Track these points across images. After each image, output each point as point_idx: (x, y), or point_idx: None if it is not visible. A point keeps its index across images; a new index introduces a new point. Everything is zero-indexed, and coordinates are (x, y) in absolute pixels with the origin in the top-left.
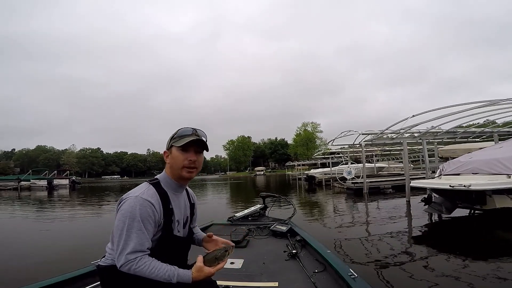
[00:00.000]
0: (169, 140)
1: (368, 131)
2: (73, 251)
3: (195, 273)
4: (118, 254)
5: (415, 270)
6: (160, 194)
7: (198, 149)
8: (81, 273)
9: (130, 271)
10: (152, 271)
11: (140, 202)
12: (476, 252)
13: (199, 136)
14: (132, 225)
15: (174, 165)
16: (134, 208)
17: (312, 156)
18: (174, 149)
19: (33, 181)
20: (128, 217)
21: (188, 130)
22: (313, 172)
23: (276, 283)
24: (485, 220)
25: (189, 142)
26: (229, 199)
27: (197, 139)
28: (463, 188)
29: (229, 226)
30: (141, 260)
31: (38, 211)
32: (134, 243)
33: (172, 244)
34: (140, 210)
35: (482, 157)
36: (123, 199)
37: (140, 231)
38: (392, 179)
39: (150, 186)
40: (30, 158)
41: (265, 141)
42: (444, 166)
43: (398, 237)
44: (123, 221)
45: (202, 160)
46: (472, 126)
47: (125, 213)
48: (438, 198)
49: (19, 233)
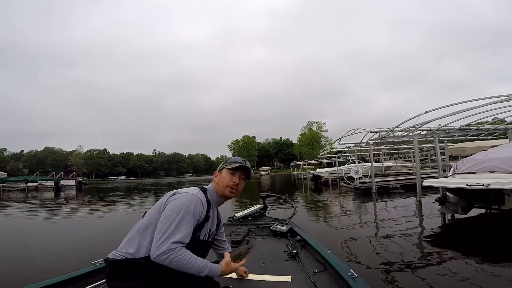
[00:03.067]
0: (222, 163)
1: (377, 129)
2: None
3: (224, 266)
4: (160, 242)
5: (427, 274)
6: (206, 200)
7: (243, 175)
8: (82, 273)
9: (166, 260)
10: (189, 261)
11: (196, 200)
12: (493, 254)
13: (246, 166)
14: (185, 217)
15: (221, 183)
16: (191, 202)
17: (318, 156)
18: (225, 171)
19: (40, 182)
20: (184, 210)
21: (239, 159)
22: (319, 171)
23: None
24: (503, 220)
25: (237, 168)
26: (230, 199)
27: (245, 167)
28: (482, 187)
29: (229, 226)
30: (181, 250)
31: (54, 211)
32: (182, 234)
33: (196, 246)
34: (195, 206)
35: (499, 154)
36: (179, 193)
37: (189, 224)
38: (401, 178)
39: (201, 191)
40: (38, 159)
41: (270, 141)
42: (458, 165)
43: (410, 238)
44: (177, 212)
45: (243, 186)
46: (485, 124)
47: (181, 205)
48: (453, 197)
49: (46, 233)
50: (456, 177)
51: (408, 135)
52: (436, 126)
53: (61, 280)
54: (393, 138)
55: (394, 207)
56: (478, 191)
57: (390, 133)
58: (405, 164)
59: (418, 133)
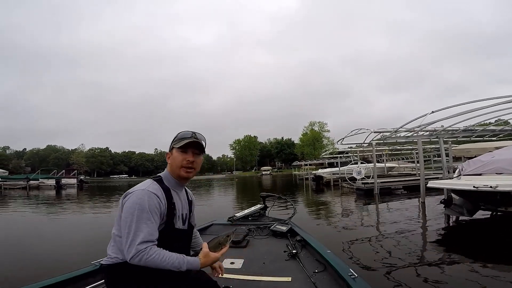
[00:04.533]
0: (171, 143)
1: (380, 129)
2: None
3: (202, 258)
4: (128, 246)
5: (429, 275)
6: (163, 190)
7: (196, 151)
8: (82, 272)
9: (141, 262)
10: (163, 259)
11: (148, 195)
12: (498, 257)
13: (197, 139)
14: (142, 216)
15: (174, 165)
16: (142, 199)
17: (320, 156)
18: (175, 151)
19: (42, 180)
20: (137, 209)
21: (187, 133)
22: (321, 172)
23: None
24: (509, 222)
25: (187, 144)
26: (231, 199)
27: (195, 141)
28: (489, 189)
29: (229, 226)
30: (152, 249)
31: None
32: (144, 233)
33: (174, 237)
34: (149, 202)
35: (506, 156)
36: (129, 193)
37: (149, 221)
38: (404, 179)
39: (154, 182)
40: (41, 157)
41: (271, 140)
42: (464, 166)
43: (412, 239)
44: (131, 213)
45: (200, 161)
46: (491, 125)
47: (134, 205)
48: (458, 199)
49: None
50: (461, 179)
51: (412, 136)
52: (440, 127)
53: (61, 280)
54: (396, 139)
55: (397, 208)
56: (485, 193)
57: (394, 133)
58: (407, 165)
59: (422, 133)
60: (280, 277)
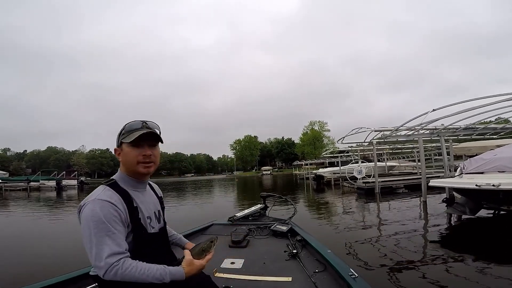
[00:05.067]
0: (117, 136)
1: (381, 128)
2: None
3: (186, 267)
4: (96, 264)
5: (430, 274)
6: (120, 194)
7: (152, 142)
8: (82, 273)
9: (116, 277)
10: (142, 272)
11: (100, 204)
12: (500, 256)
13: (150, 129)
14: (100, 228)
15: (128, 162)
16: (94, 211)
17: (320, 155)
18: (125, 146)
19: (42, 182)
20: (93, 223)
21: (137, 123)
22: (322, 171)
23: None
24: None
25: (141, 136)
26: (231, 200)
27: (148, 132)
28: (492, 187)
29: (229, 226)
30: (126, 262)
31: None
32: (110, 245)
33: (150, 243)
34: (102, 212)
35: (508, 154)
36: (81, 206)
37: (110, 232)
38: (405, 178)
39: (106, 187)
40: (41, 159)
41: (271, 140)
42: (465, 164)
43: (414, 238)
44: (88, 228)
45: (158, 152)
46: (492, 123)
47: (88, 218)
48: (461, 198)
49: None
50: (463, 177)
51: (413, 134)
52: (440, 126)
53: (61, 280)
54: (397, 138)
55: (398, 207)
56: (487, 192)
57: (394, 132)
58: (408, 164)
59: (423, 132)
60: (281, 277)
